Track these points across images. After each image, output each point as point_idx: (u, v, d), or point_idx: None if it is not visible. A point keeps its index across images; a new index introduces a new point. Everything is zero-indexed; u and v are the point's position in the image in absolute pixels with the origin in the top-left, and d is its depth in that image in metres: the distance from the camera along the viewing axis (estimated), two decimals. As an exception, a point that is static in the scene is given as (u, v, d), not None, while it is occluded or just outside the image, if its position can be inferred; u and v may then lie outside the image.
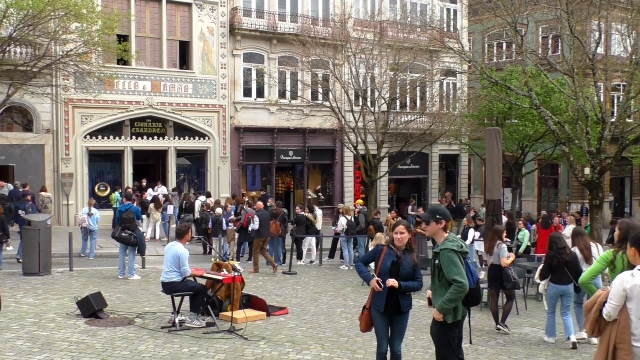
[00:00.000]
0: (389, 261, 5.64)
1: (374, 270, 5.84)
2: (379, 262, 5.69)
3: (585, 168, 20.93)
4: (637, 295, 4.03)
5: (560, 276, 8.13)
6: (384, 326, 5.70)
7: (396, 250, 5.68)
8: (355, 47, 21.33)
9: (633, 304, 4.05)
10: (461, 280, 4.95)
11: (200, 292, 8.27)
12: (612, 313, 4.13)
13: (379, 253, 5.78)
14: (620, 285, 4.11)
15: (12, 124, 20.47)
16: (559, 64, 18.41)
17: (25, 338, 7.18)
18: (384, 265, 5.63)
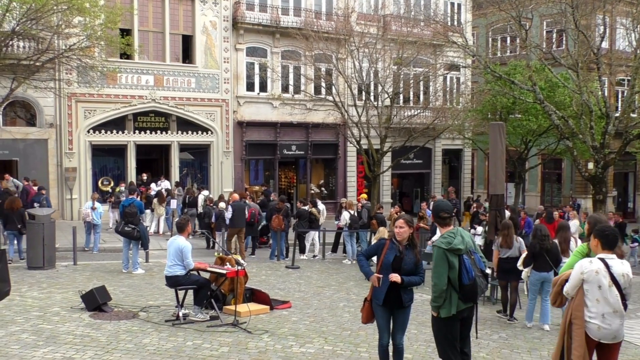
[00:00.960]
0: (391, 256, 5.62)
1: (376, 265, 5.81)
2: (381, 257, 5.67)
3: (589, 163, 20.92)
4: (592, 279, 4.73)
5: (542, 264, 8.69)
6: (385, 319, 5.71)
7: (398, 245, 5.65)
8: (358, 41, 21.28)
9: (589, 286, 4.75)
10: (434, 281, 5.25)
11: (204, 285, 8.30)
12: (569, 291, 4.87)
13: (381, 247, 5.75)
14: (579, 269, 4.82)
15: (16, 119, 20.51)
16: (564, 58, 18.35)
17: (30, 331, 7.22)
18: (386, 260, 5.62)
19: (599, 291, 4.71)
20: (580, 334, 4.74)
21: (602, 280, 4.72)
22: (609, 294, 4.70)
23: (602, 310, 4.71)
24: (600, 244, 4.90)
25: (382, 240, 5.92)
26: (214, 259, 9.61)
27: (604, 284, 4.70)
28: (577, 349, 4.71)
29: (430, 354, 7.12)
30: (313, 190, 25.59)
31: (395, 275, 5.51)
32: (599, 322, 4.72)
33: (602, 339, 4.74)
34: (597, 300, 4.72)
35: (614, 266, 4.77)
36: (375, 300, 5.69)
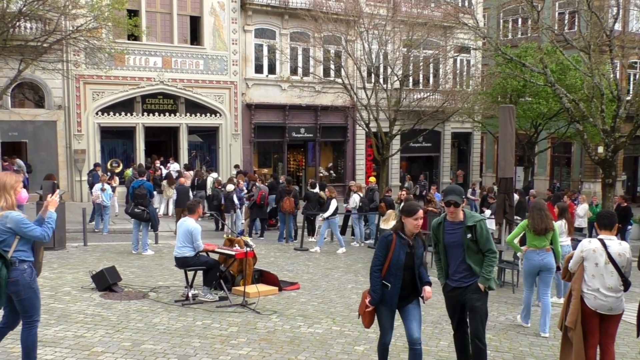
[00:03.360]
0: (402, 254, 5.03)
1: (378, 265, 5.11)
2: (388, 256, 5.03)
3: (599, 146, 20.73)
4: (590, 256, 5.33)
5: None
6: (390, 318, 5.22)
7: (407, 239, 5.08)
8: (368, 23, 21.07)
9: (587, 263, 5.35)
10: (495, 250, 5.36)
11: (213, 266, 8.35)
12: (573, 267, 5.52)
13: (388, 245, 5.08)
14: (580, 247, 5.45)
15: (24, 100, 20.57)
16: (576, 40, 18.07)
17: (42, 310, 7.28)
18: (396, 260, 5.02)
19: (595, 268, 5.29)
20: (575, 303, 5.33)
21: (598, 258, 5.28)
22: (604, 271, 5.25)
23: (597, 286, 5.26)
24: (598, 225, 5.52)
25: (387, 236, 5.13)
26: (223, 241, 9.66)
27: (600, 262, 5.27)
28: (571, 315, 5.35)
29: (437, 335, 7.16)
30: (322, 173, 25.58)
31: (429, 291, 5.12)
32: (595, 294, 5.27)
33: (597, 309, 5.28)
34: (593, 276, 5.29)
35: (612, 246, 5.31)
36: (387, 306, 5.12)
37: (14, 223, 4.55)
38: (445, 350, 6.53)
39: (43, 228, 4.67)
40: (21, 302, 4.64)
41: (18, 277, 4.55)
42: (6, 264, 4.49)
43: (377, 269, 5.10)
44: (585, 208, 17.53)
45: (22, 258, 4.60)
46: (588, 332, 5.31)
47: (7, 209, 4.59)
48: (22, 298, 4.62)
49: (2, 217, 4.54)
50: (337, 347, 6.39)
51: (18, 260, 4.57)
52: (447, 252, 5.49)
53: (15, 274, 4.54)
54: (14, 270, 4.54)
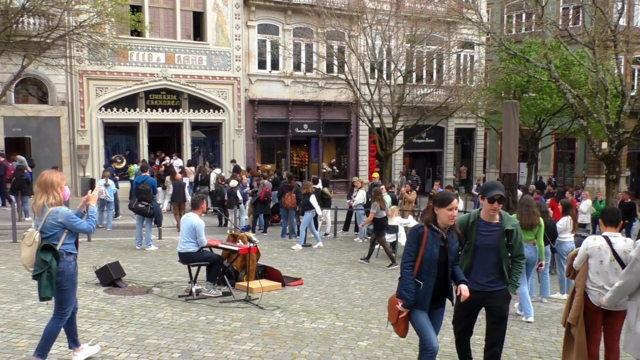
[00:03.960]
0: (436, 248, 4.53)
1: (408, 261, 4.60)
2: (420, 251, 4.53)
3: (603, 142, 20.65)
4: (595, 254, 5.26)
5: None
6: (427, 318, 4.64)
7: (441, 232, 4.57)
8: (371, 19, 21.01)
9: (592, 261, 5.29)
10: (525, 255, 5.20)
11: (217, 262, 8.36)
12: (577, 264, 5.45)
13: (419, 238, 4.56)
14: (584, 245, 5.39)
15: (28, 96, 20.61)
16: (580, 35, 18.00)
17: (46, 305, 7.30)
18: (429, 255, 4.52)
19: (600, 265, 5.24)
20: (578, 300, 5.32)
21: (603, 255, 5.24)
22: (609, 268, 5.20)
23: (602, 283, 5.21)
24: (603, 222, 5.45)
25: (417, 229, 4.65)
26: (227, 236, 9.67)
27: (605, 260, 5.22)
28: (573, 311, 5.34)
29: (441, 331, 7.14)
30: (325, 169, 25.58)
31: (465, 290, 4.63)
32: (600, 291, 5.21)
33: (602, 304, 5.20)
34: (597, 274, 5.25)
35: (617, 243, 5.25)
36: (420, 307, 4.60)
37: (65, 218, 4.89)
38: (448, 346, 6.52)
39: (88, 222, 5.03)
40: (60, 292, 4.94)
41: (64, 268, 4.90)
42: (56, 256, 4.83)
43: (409, 265, 4.57)
44: (588, 204, 17.50)
45: (68, 251, 4.97)
46: (591, 328, 5.31)
47: (55, 205, 4.93)
48: (63, 289, 4.94)
49: (53, 212, 4.89)
50: (340, 342, 6.40)
51: (65, 252, 4.93)
52: (475, 254, 5.06)
53: (62, 265, 4.88)
54: (61, 261, 4.88)
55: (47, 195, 4.92)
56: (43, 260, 4.75)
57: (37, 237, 4.85)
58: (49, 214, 4.89)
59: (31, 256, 4.84)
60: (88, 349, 5.43)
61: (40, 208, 4.94)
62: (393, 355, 6.06)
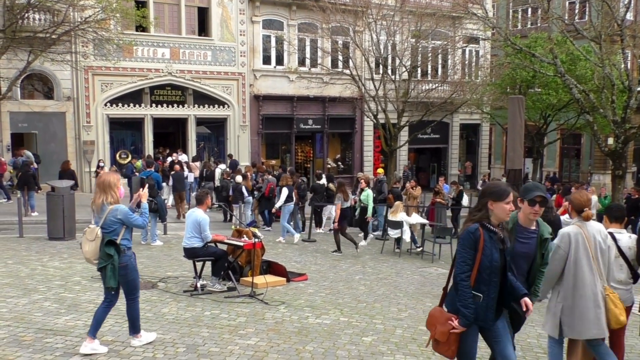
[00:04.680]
0: (496, 253, 3.88)
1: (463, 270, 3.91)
2: (477, 256, 3.87)
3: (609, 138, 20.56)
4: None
5: None
6: (476, 342, 4.07)
7: (499, 232, 3.95)
8: (376, 14, 20.95)
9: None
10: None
11: (221, 257, 8.38)
12: None
13: (476, 242, 3.88)
14: None
15: (33, 92, 20.69)
16: (586, 30, 17.89)
17: (53, 299, 7.38)
18: (489, 261, 3.86)
19: None
20: None
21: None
22: (614, 264, 5.18)
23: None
24: (608, 218, 5.43)
25: (473, 231, 3.90)
26: (231, 232, 9.69)
27: (610, 256, 5.14)
28: None
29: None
30: (329, 164, 25.57)
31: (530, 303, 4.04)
32: None
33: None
34: None
35: (622, 239, 5.26)
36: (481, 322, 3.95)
37: (123, 214, 5.38)
38: (452, 341, 6.52)
39: (142, 218, 5.54)
40: (128, 283, 5.47)
41: (127, 262, 5.40)
42: (118, 250, 5.32)
43: (467, 276, 3.88)
44: (594, 200, 17.43)
45: (128, 245, 5.47)
46: None
47: (114, 204, 5.41)
48: (129, 279, 5.47)
49: (113, 210, 5.37)
50: (344, 337, 6.41)
51: (126, 247, 5.43)
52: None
53: (124, 259, 5.38)
54: (123, 256, 5.37)
55: (106, 195, 5.40)
56: (107, 254, 5.28)
57: (99, 232, 5.34)
58: (108, 212, 5.37)
59: (94, 250, 5.36)
60: (98, 346, 5.53)
61: (99, 206, 5.42)
62: (398, 351, 6.06)
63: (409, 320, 7.33)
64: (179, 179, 16.59)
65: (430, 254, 12.65)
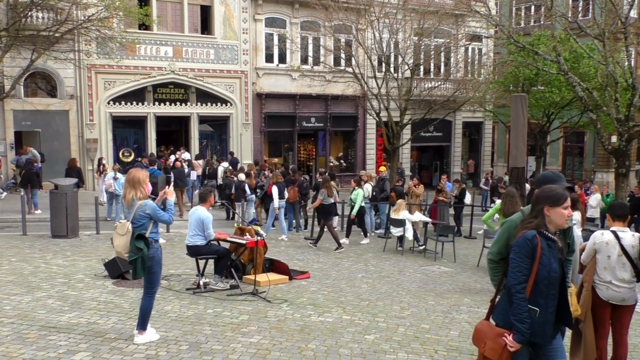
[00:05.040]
0: (555, 262, 3.58)
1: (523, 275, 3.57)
2: (534, 267, 3.55)
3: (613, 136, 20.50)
4: (603, 249, 5.25)
5: None
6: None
7: (558, 240, 3.67)
8: (378, 12, 20.90)
9: (600, 256, 5.27)
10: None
11: (224, 255, 8.40)
12: (585, 259, 5.40)
13: (534, 252, 3.56)
14: (592, 240, 5.37)
15: (37, 90, 20.74)
16: (590, 28, 17.83)
17: (56, 297, 7.41)
18: (547, 272, 3.55)
19: (607, 260, 5.24)
20: (586, 295, 5.29)
21: (611, 250, 5.23)
22: (617, 263, 5.20)
23: (609, 278, 5.23)
24: (611, 216, 5.44)
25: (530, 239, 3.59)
26: (234, 230, 9.71)
27: (613, 255, 5.22)
28: (581, 306, 5.26)
29: (448, 325, 7.16)
30: (332, 162, 25.57)
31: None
32: (607, 285, 5.25)
33: (610, 299, 5.24)
34: (605, 269, 5.24)
35: (625, 238, 5.25)
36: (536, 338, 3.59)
37: (151, 210, 5.68)
38: (455, 340, 6.53)
39: (168, 214, 5.84)
40: (151, 274, 5.71)
41: (154, 254, 5.67)
42: (147, 243, 5.60)
43: (522, 287, 3.56)
44: (597, 198, 17.40)
45: (155, 238, 5.77)
46: (599, 322, 5.29)
47: (142, 199, 5.70)
48: (153, 271, 5.71)
49: (142, 205, 5.66)
50: (347, 336, 6.42)
51: (153, 240, 5.71)
52: None
53: (152, 252, 5.64)
54: (151, 248, 5.64)
55: (135, 191, 5.69)
56: (137, 247, 5.55)
57: (129, 227, 5.63)
58: (138, 207, 5.66)
59: (125, 244, 5.63)
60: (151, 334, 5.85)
61: (129, 202, 5.72)
62: (400, 349, 6.07)
63: (411, 319, 7.34)
64: (180, 176, 16.65)
65: (432, 252, 12.65)
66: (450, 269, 11.31)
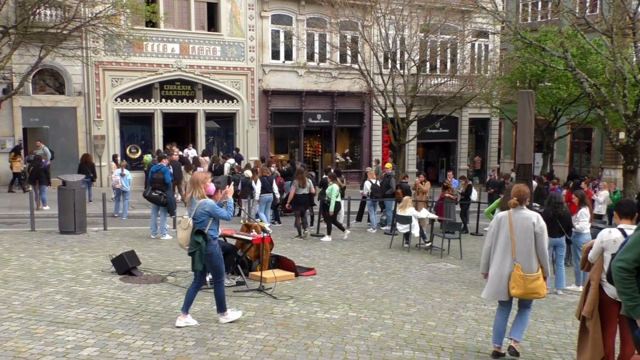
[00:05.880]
0: None
1: None
2: None
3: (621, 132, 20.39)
4: (611, 247, 5.09)
5: (554, 230, 8.95)
6: None
7: None
8: (385, 8, 20.86)
9: (607, 254, 5.08)
10: None
11: (230, 251, 8.43)
12: (592, 257, 5.32)
13: None
14: (600, 238, 5.26)
15: (45, 87, 20.85)
16: (597, 23, 17.72)
17: (64, 293, 7.47)
18: None
19: None
20: (593, 293, 5.21)
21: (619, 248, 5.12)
22: None
23: None
24: (618, 214, 5.37)
25: None
26: (240, 226, 9.74)
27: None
28: (588, 305, 5.23)
29: (454, 322, 7.17)
30: (338, 159, 25.57)
31: None
32: None
33: (617, 297, 5.04)
34: None
35: None
36: None
37: (210, 207, 6.19)
38: (462, 337, 6.54)
39: (227, 211, 6.32)
40: (213, 268, 6.30)
41: (212, 250, 6.22)
42: (205, 239, 6.13)
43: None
44: (605, 194, 17.31)
45: (214, 236, 6.28)
46: (607, 320, 5.24)
47: (202, 198, 6.26)
48: (214, 265, 6.28)
49: (202, 203, 6.22)
50: (353, 332, 6.43)
51: (212, 237, 6.21)
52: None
53: (210, 248, 6.19)
54: (209, 245, 6.18)
55: (195, 190, 6.29)
56: (196, 241, 6.10)
57: (190, 222, 6.21)
58: (198, 205, 6.21)
59: (186, 238, 6.24)
60: (191, 320, 6.30)
61: (189, 200, 6.34)
62: (406, 346, 6.08)
63: (417, 316, 7.35)
64: (177, 168, 16.60)
65: (439, 249, 12.64)
66: (456, 266, 11.30)
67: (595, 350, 5.21)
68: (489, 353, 6.01)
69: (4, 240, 11.14)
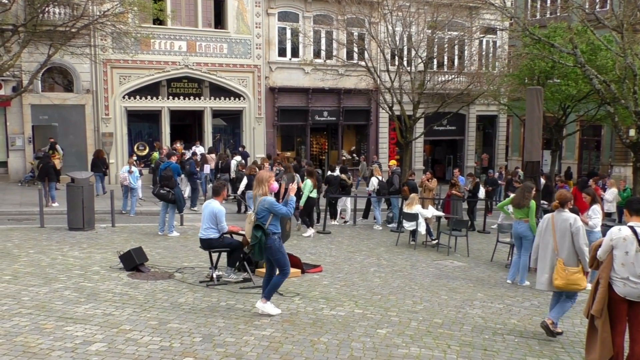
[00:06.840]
0: None
1: None
2: None
3: (631, 129, 20.24)
4: (620, 245, 5.20)
5: None
6: None
7: None
8: (392, 5, 20.79)
9: (617, 252, 5.22)
10: None
11: (237, 248, 8.45)
12: (601, 255, 5.39)
13: None
14: (609, 235, 5.32)
15: (54, 85, 20.98)
16: (607, 19, 17.58)
17: (73, 288, 7.53)
18: None
19: (625, 256, 5.15)
20: (602, 292, 5.24)
21: (629, 246, 5.15)
22: (635, 259, 5.12)
23: (627, 274, 5.14)
24: (628, 212, 5.36)
25: None
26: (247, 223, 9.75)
27: (631, 250, 5.14)
28: (597, 303, 5.27)
29: (461, 320, 7.15)
30: (344, 156, 25.55)
31: None
32: (625, 281, 5.17)
33: (627, 295, 5.17)
34: (623, 265, 5.16)
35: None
36: None
37: (269, 204, 6.55)
38: (468, 335, 6.53)
39: (287, 208, 6.61)
40: (275, 260, 6.69)
41: (271, 244, 6.58)
42: (265, 233, 6.52)
43: None
44: (614, 192, 17.19)
45: (274, 231, 6.60)
46: (616, 319, 5.22)
47: (264, 195, 6.63)
48: (275, 258, 6.65)
49: (262, 200, 6.59)
50: (359, 329, 6.44)
51: (272, 232, 6.55)
52: None
53: (269, 242, 6.56)
54: (269, 239, 6.55)
55: (259, 188, 6.69)
56: (255, 235, 6.55)
57: (253, 217, 6.77)
58: (259, 202, 6.61)
59: (250, 231, 6.79)
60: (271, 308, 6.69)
61: (255, 197, 6.78)
62: (412, 344, 6.08)
63: (424, 313, 7.34)
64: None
65: (445, 246, 12.61)
66: (463, 264, 11.28)
67: (604, 349, 5.17)
68: (496, 351, 6.00)
69: (14, 237, 11.25)
